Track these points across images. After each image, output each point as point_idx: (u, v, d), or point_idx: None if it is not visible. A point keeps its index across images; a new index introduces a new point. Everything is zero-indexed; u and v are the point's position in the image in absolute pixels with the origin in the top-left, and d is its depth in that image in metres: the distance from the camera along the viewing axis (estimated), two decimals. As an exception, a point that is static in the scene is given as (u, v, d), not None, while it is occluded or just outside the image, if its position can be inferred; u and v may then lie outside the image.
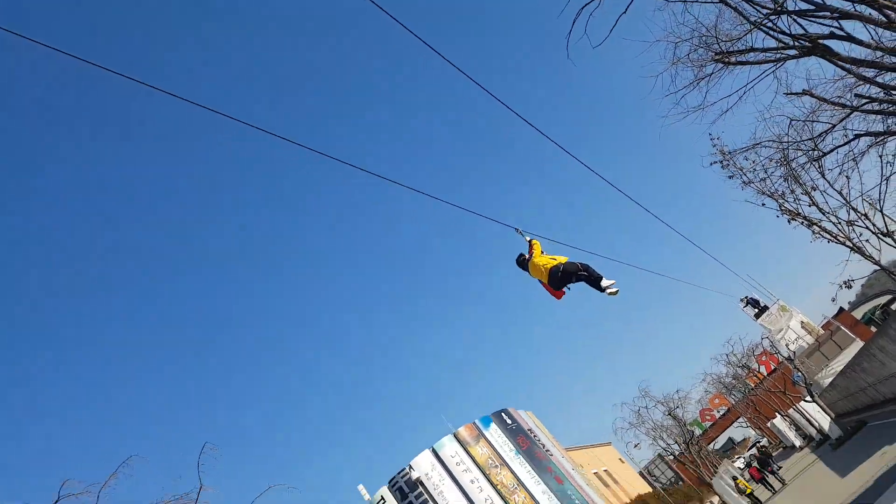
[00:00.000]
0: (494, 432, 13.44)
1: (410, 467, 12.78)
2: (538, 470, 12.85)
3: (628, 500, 29.12)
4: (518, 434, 13.53)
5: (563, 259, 8.43)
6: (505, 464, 12.68)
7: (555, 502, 12.32)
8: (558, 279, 8.32)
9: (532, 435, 13.83)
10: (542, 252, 8.83)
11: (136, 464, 12.53)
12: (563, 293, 8.48)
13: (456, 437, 13.20)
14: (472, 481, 12.32)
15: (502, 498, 12.20)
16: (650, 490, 35.62)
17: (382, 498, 12.74)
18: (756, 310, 44.66)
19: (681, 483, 44.68)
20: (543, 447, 13.63)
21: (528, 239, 8.95)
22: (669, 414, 40.54)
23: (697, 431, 47.63)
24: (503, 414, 14.03)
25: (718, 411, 52.34)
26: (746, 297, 45.04)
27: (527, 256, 8.83)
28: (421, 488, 12.38)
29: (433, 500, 12.23)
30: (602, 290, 8.04)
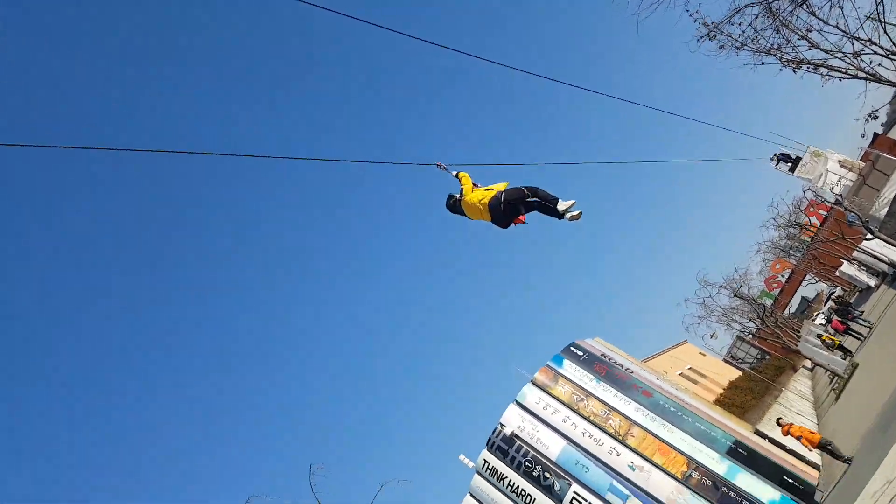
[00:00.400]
0: (570, 368, 13.40)
1: (501, 425, 12.86)
2: (624, 390, 12.80)
3: (721, 390, 29.10)
4: (593, 362, 13.48)
5: (501, 187, 6.92)
6: (590, 394, 12.66)
7: (650, 415, 12.28)
8: (502, 214, 6.82)
9: (607, 359, 13.76)
10: (476, 185, 7.25)
11: (257, 502, 13.13)
12: (524, 219, 6.97)
13: (534, 383, 13.20)
14: (563, 420, 12.34)
15: (598, 427, 12.20)
16: (740, 373, 35.52)
17: (485, 461, 12.87)
18: (789, 164, 43.49)
19: (767, 357, 44.41)
20: (622, 367, 13.57)
21: (454, 174, 7.31)
22: (735, 295, 40.17)
23: (768, 302, 47.10)
24: (572, 348, 13.96)
25: (783, 276, 51.58)
26: (776, 155, 43.80)
27: (457, 197, 7.29)
28: (518, 441, 12.47)
29: (533, 448, 12.32)
30: (560, 215, 6.68)
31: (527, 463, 12.43)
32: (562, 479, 12.13)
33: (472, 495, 13.33)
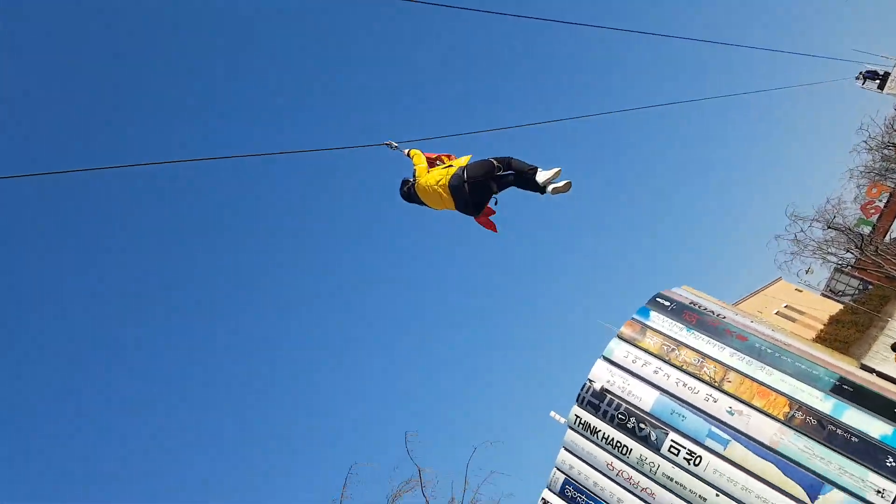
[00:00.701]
0: (657, 319, 13.18)
1: (590, 380, 12.83)
2: (717, 336, 12.50)
3: (821, 326, 27.88)
4: (682, 311, 13.20)
5: (462, 161, 5.62)
6: (681, 343, 12.43)
7: (746, 359, 11.96)
8: (468, 196, 5.46)
9: (696, 307, 13.44)
10: (437, 163, 5.98)
11: (360, 470, 13.91)
12: (493, 218, 5.67)
13: (621, 337, 13.07)
14: (655, 372, 12.20)
15: (691, 375, 12.00)
16: (840, 307, 33.86)
17: (577, 416, 12.92)
18: (877, 81, 40.51)
19: (870, 288, 42.07)
20: (713, 314, 13.23)
21: (406, 152, 6.04)
22: (829, 226, 38.10)
23: (866, 230, 44.43)
24: (658, 299, 13.70)
25: (880, 200, 48.38)
26: (861, 73, 40.92)
27: (412, 181, 6.03)
28: (609, 395, 12.44)
29: (626, 401, 12.26)
30: (542, 189, 5.49)
31: (620, 416, 12.39)
32: (658, 428, 12.04)
33: (566, 449, 13.43)
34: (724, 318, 13.39)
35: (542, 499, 13.91)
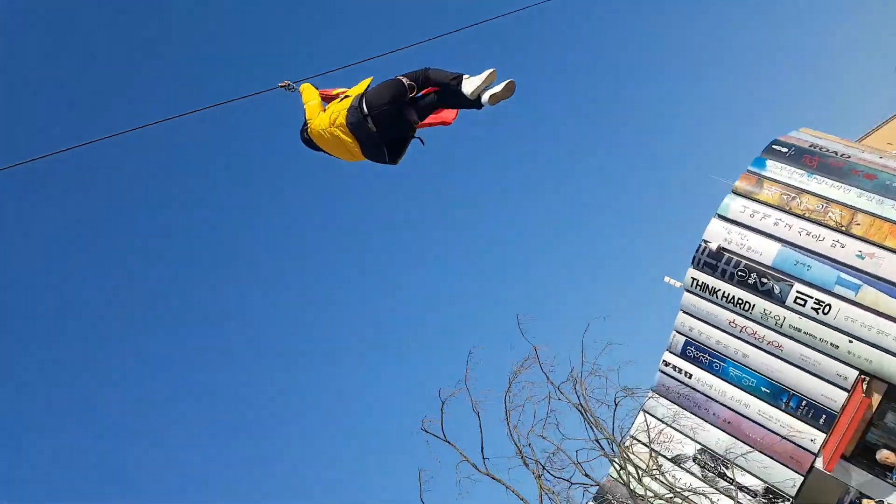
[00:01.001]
0: (774, 168, 12.45)
1: (705, 241, 12.53)
2: (842, 178, 11.71)
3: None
4: (801, 156, 12.37)
5: (359, 88, 4.32)
6: (802, 191, 11.76)
7: (877, 199, 11.20)
8: (375, 136, 4.18)
9: (817, 149, 12.53)
10: (337, 98, 4.60)
11: (478, 353, 14.70)
12: (447, 117, 4.47)
13: (735, 192, 12.52)
14: (775, 223, 11.71)
15: (815, 223, 11.41)
16: None
17: (693, 279, 12.76)
18: None
19: None
20: (836, 154, 12.30)
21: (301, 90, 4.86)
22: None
23: None
24: (774, 146, 12.86)
25: None
26: None
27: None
28: (727, 254, 12.14)
29: (745, 258, 11.94)
30: (476, 101, 4.14)
31: (739, 273, 12.08)
32: (781, 281, 11.68)
33: (684, 312, 13.37)
34: (849, 157, 12.41)
35: (664, 360, 14.08)
